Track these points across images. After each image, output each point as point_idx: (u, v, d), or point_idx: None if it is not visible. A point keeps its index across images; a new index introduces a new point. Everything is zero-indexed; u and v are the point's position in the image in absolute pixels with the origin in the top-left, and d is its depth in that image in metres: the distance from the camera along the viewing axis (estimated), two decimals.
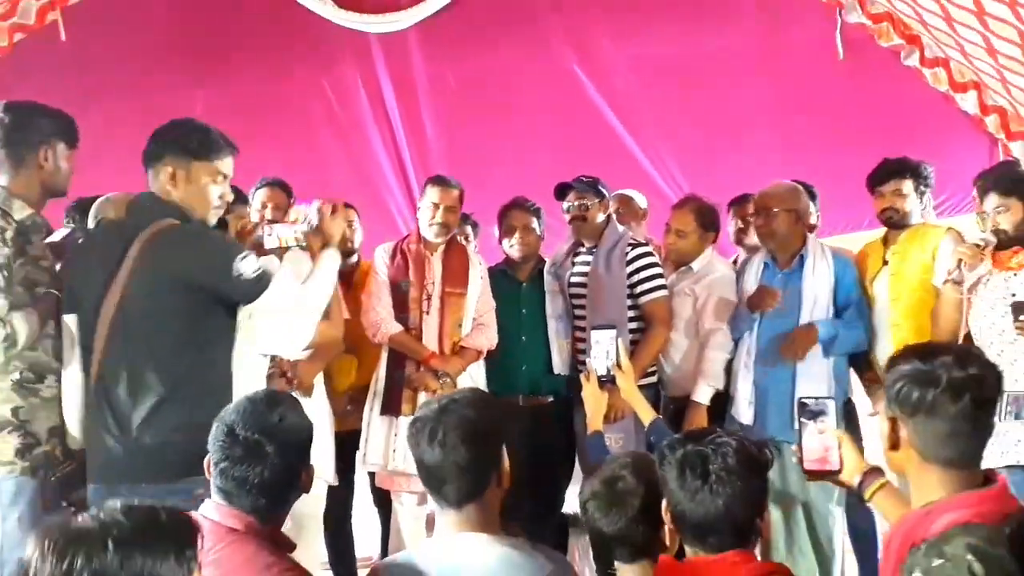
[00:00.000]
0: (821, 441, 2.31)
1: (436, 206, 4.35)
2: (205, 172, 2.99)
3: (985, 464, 1.96)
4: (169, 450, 2.75)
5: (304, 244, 3.12)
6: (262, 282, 2.87)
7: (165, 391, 2.80)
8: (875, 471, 2.33)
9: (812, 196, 4.65)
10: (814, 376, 4.01)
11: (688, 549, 2.03)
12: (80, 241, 3.19)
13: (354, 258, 4.66)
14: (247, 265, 2.85)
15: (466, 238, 5.05)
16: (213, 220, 3.10)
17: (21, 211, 3.04)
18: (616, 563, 2.31)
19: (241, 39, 6.30)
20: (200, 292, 2.87)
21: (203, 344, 2.91)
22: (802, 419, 2.42)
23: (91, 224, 3.39)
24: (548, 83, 6.38)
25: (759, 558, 2.15)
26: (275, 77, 6.29)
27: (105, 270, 2.87)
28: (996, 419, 2.56)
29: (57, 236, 3.20)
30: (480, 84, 6.41)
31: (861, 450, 2.54)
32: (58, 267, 3.10)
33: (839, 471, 2.27)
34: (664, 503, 2.05)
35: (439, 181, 4.48)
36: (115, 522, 1.58)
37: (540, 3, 6.39)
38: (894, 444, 1.93)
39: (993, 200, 3.65)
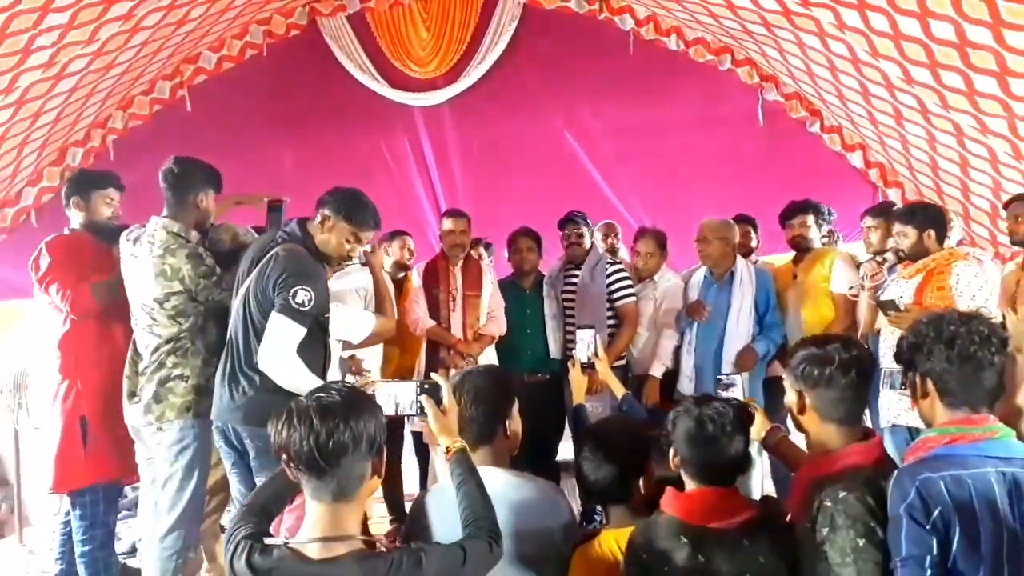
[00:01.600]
0: None
1: (452, 232, 4.39)
2: (346, 232, 2.89)
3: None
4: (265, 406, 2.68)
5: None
6: (291, 311, 2.71)
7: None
8: (776, 428, 2.39)
9: (753, 226, 4.65)
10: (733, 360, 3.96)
11: (691, 484, 1.97)
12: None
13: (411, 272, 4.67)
14: (301, 297, 2.71)
15: (479, 256, 5.11)
16: (335, 265, 3.06)
17: (192, 236, 3.06)
18: (607, 505, 2.27)
19: (318, 110, 6.31)
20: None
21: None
22: (718, 390, 2.59)
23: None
24: (544, 143, 6.40)
25: None
26: (343, 139, 6.30)
27: (246, 266, 2.88)
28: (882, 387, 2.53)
29: None
30: (495, 145, 6.43)
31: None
32: None
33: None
34: (672, 451, 1.99)
35: (451, 213, 4.57)
36: (331, 400, 1.58)
37: (539, 86, 6.39)
38: (800, 409, 1.95)
39: (896, 227, 3.59)
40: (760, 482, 4.14)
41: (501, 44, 6.31)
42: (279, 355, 2.71)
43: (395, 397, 2.05)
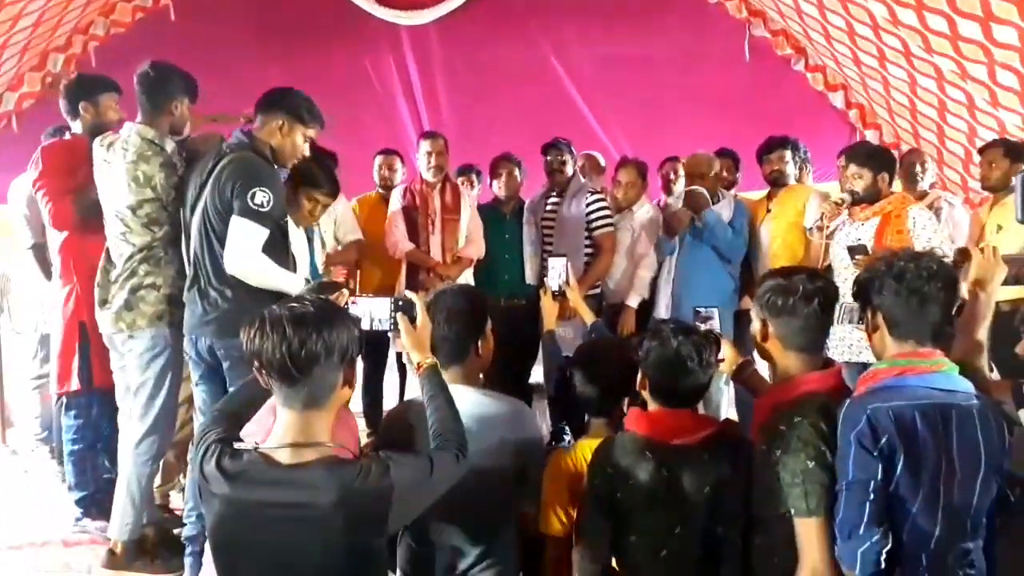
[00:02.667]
0: None
1: (429, 154, 4.34)
2: (303, 133, 2.91)
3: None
4: (238, 316, 2.66)
5: None
6: (250, 212, 2.69)
7: (232, 276, 2.75)
8: (747, 362, 2.46)
9: (736, 160, 4.64)
10: (710, 292, 3.96)
11: (653, 406, 2.02)
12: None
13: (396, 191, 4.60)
14: (259, 197, 2.69)
15: (471, 184, 5.09)
16: (288, 166, 3.03)
17: (168, 144, 3.01)
18: (587, 417, 2.35)
19: (305, 27, 6.12)
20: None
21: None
22: (696, 322, 2.55)
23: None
24: (531, 70, 6.27)
25: None
26: (328, 56, 6.13)
27: (197, 184, 2.83)
28: (836, 322, 2.57)
29: None
30: (482, 69, 6.29)
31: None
32: None
33: (721, 360, 2.28)
34: (640, 373, 2.04)
35: (428, 135, 4.53)
36: (304, 309, 1.58)
37: (528, 12, 6.26)
38: (764, 337, 2.00)
39: (852, 169, 3.61)
40: (724, 410, 4.27)
41: None
42: (246, 256, 2.70)
43: (371, 312, 2.06)
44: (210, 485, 1.58)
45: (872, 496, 1.68)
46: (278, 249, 2.84)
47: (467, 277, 4.38)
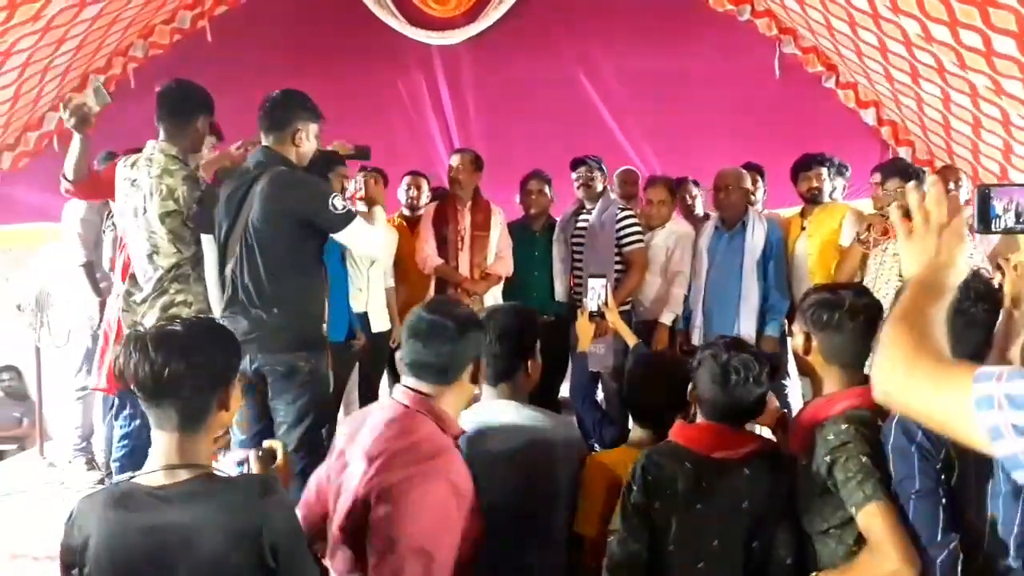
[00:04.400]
0: None
1: (456, 169, 4.36)
2: (315, 132, 2.95)
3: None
4: (283, 332, 2.77)
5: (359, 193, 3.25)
6: (349, 216, 2.83)
7: (277, 294, 2.77)
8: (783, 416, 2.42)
9: (761, 174, 4.60)
10: (750, 313, 3.94)
11: (701, 419, 2.02)
12: (210, 184, 3.11)
13: (421, 211, 4.63)
14: (339, 202, 2.81)
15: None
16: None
17: (191, 160, 3.05)
18: (632, 423, 2.37)
19: (338, 48, 6.16)
20: (303, 222, 2.82)
21: (301, 253, 2.86)
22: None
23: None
24: (561, 87, 6.24)
25: None
26: (362, 75, 6.16)
27: (232, 202, 2.83)
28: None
29: None
30: (511, 87, 6.27)
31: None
32: None
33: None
34: (691, 385, 2.03)
35: (458, 151, 4.57)
36: (171, 329, 1.55)
37: (558, 29, 6.23)
38: (806, 351, 1.99)
39: (895, 183, 3.55)
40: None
41: None
42: (378, 243, 3.00)
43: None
44: (86, 518, 1.54)
45: (943, 503, 1.66)
46: (315, 262, 2.91)
47: (495, 294, 4.37)
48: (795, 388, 4.26)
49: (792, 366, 3.96)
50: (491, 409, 2.17)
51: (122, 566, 1.51)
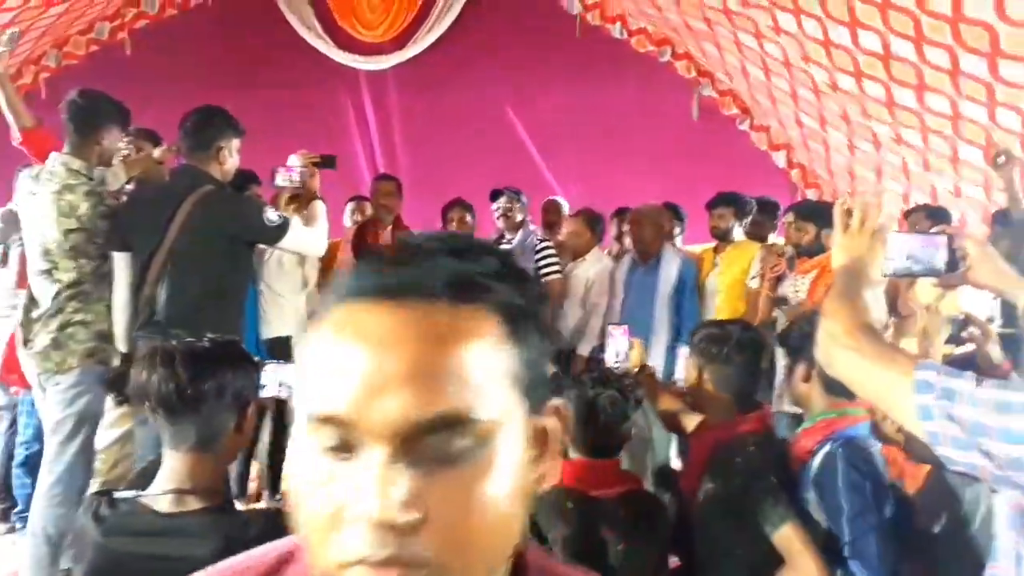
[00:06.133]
0: None
1: (377, 194, 4.36)
2: (237, 147, 2.91)
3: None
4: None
5: (300, 186, 3.09)
6: (285, 224, 2.82)
7: (198, 317, 2.66)
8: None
9: (677, 214, 4.68)
10: (660, 345, 3.98)
11: (574, 454, 1.98)
12: (128, 198, 3.00)
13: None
14: (272, 215, 2.82)
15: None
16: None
17: (95, 174, 2.88)
18: None
19: (263, 67, 6.11)
20: (236, 239, 2.80)
21: (227, 274, 2.82)
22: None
23: (112, 182, 3.03)
24: (487, 117, 6.34)
25: None
26: (284, 97, 6.10)
27: (157, 222, 2.74)
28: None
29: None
30: (438, 114, 6.33)
31: None
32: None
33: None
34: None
35: (380, 177, 4.62)
36: (200, 346, 1.52)
37: (485, 60, 6.34)
38: (698, 382, 2.08)
39: (798, 224, 3.69)
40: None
41: (451, 15, 6.24)
42: (315, 242, 3.00)
43: (279, 378, 1.97)
44: (85, 536, 1.46)
45: (894, 532, 1.76)
46: (243, 271, 2.92)
47: None
48: None
49: None
50: None
51: None
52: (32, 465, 3.36)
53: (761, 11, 4.73)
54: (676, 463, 4.11)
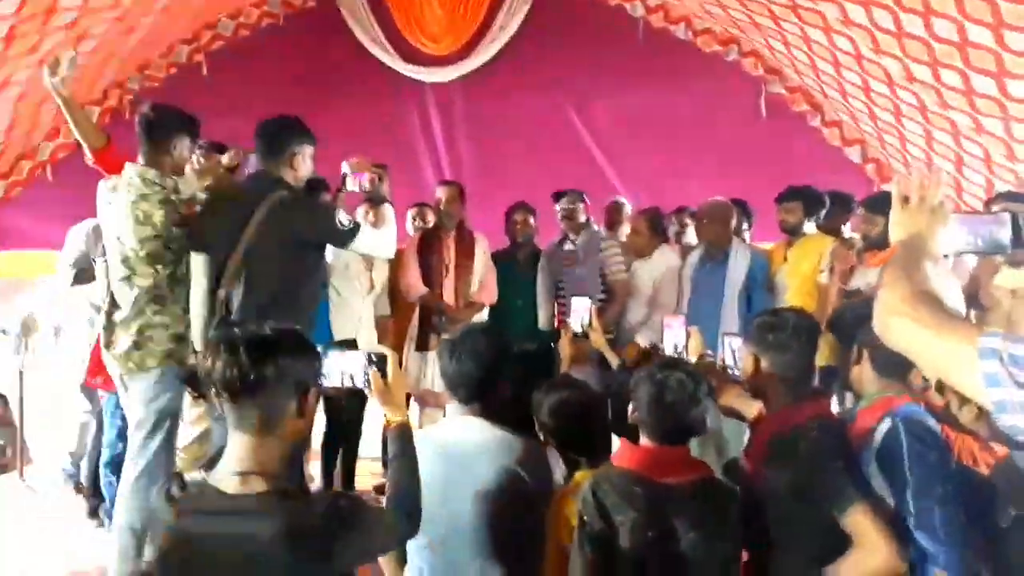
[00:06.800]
0: None
1: (441, 200, 4.40)
2: (310, 154, 3.02)
3: None
4: None
5: (369, 191, 3.19)
6: (356, 228, 2.94)
7: (265, 306, 2.77)
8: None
9: (745, 210, 4.64)
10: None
11: (645, 440, 1.98)
12: (206, 202, 3.13)
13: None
14: (343, 219, 2.93)
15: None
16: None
17: (168, 183, 3.03)
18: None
19: (330, 81, 6.26)
20: (309, 243, 2.92)
21: (299, 277, 2.92)
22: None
23: (184, 190, 3.18)
24: (550, 124, 6.36)
25: None
26: (353, 111, 6.19)
27: (234, 226, 2.85)
28: None
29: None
30: (502, 123, 6.38)
31: None
32: None
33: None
34: (632, 407, 1.99)
35: (443, 183, 4.66)
36: (262, 333, 1.57)
37: (548, 68, 6.35)
38: (756, 371, 2.09)
39: (866, 215, 3.64)
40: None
41: (513, 25, 6.29)
42: (386, 243, 3.09)
43: (342, 367, 1.95)
44: (158, 517, 1.54)
45: (964, 510, 1.78)
46: (317, 271, 3.02)
47: None
48: None
49: None
50: (460, 426, 2.16)
51: (186, 571, 1.51)
52: (117, 464, 3.51)
53: (830, 4, 4.64)
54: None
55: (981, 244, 1.45)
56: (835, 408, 2.55)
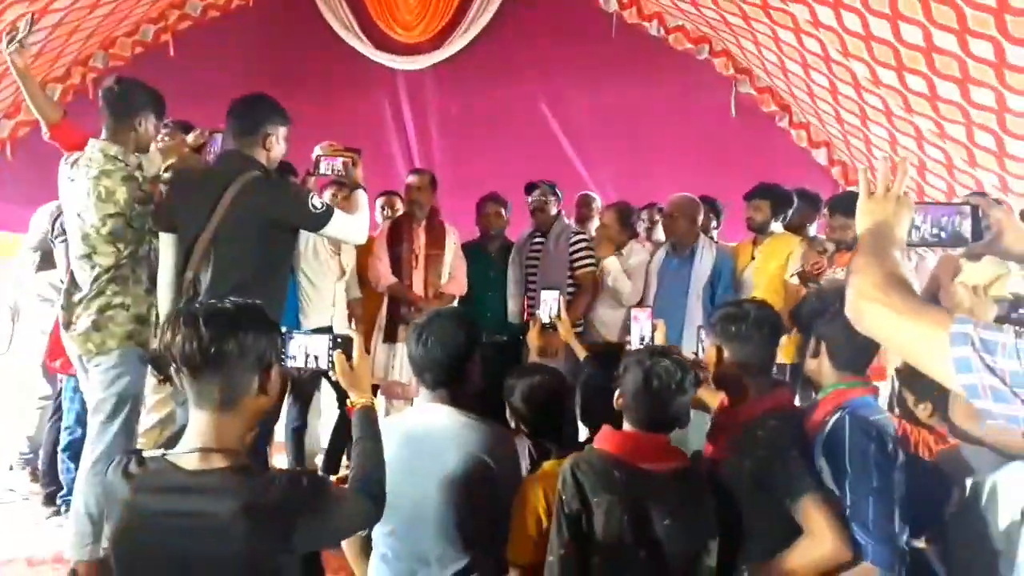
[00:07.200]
0: None
1: (411, 187, 4.38)
2: (284, 135, 2.95)
3: None
4: None
5: (343, 175, 3.10)
6: (329, 211, 2.86)
7: (235, 288, 2.71)
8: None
9: (715, 208, 4.68)
10: (692, 337, 3.98)
11: (628, 426, 1.99)
12: (174, 181, 3.05)
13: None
14: (316, 201, 2.86)
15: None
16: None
17: (131, 159, 2.97)
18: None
19: (300, 66, 6.22)
20: (281, 225, 2.86)
21: (270, 260, 2.88)
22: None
23: (148, 168, 3.10)
24: (522, 114, 6.38)
25: None
26: (323, 97, 6.17)
27: (203, 206, 2.78)
28: None
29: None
30: (474, 113, 6.40)
31: None
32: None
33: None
34: (617, 393, 2.00)
35: (414, 171, 4.61)
36: (222, 307, 1.56)
37: (521, 60, 6.39)
38: (718, 362, 2.10)
39: (838, 219, 3.67)
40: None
41: (487, 15, 6.28)
42: (357, 228, 3.00)
43: (307, 349, 1.94)
44: (115, 493, 1.52)
45: (896, 499, 1.79)
46: (286, 256, 2.99)
47: None
48: None
49: None
50: (427, 414, 2.16)
51: (142, 552, 1.50)
52: (75, 450, 3.45)
53: (800, 5, 4.71)
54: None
55: (944, 236, 1.50)
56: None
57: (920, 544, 2.09)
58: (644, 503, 1.86)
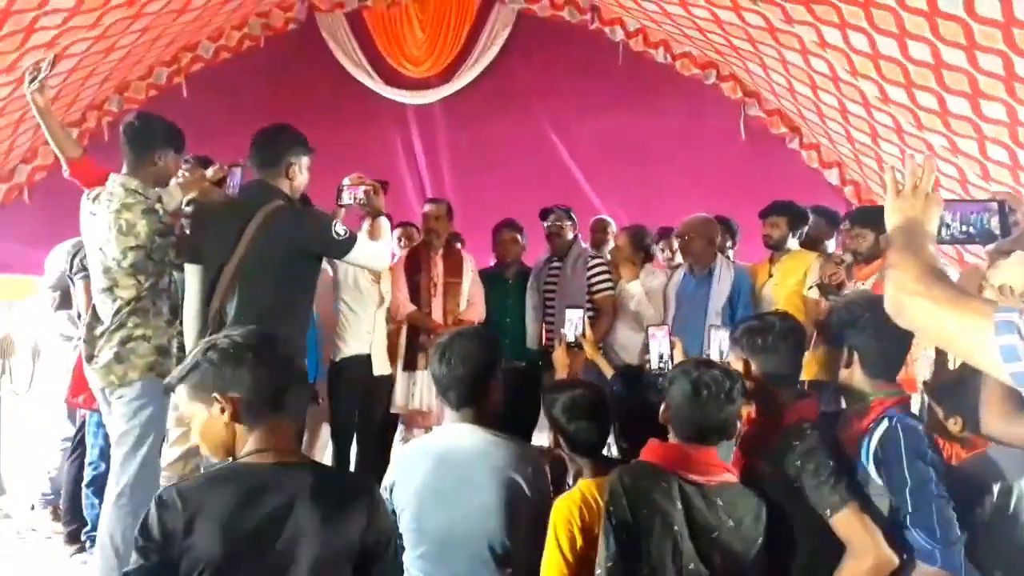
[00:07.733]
0: None
1: (427, 216, 4.44)
2: (307, 164, 3.00)
3: None
4: None
5: (365, 203, 3.11)
6: (352, 238, 2.90)
7: (261, 318, 2.69)
8: None
9: (730, 228, 4.69)
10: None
11: (674, 439, 2.00)
12: (199, 212, 3.08)
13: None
14: (340, 228, 2.89)
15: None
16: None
17: (152, 194, 3.00)
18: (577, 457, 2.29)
19: (312, 104, 6.27)
20: (305, 252, 2.89)
21: (294, 289, 2.90)
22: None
23: (168, 202, 3.10)
24: (531, 145, 6.46)
25: None
26: (335, 133, 6.19)
27: (228, 237, 2.82)
28: None
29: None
30: (484, 144, 6.48)
31: None
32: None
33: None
34: (664, 405, 2.01)
35: (430, 200, 4.67)
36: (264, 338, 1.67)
37: (529, 91, 6.49)
38: (745, 375, 2.07)
39: (855, 230, 3.70)
40: None
41: (494, 48, 6.40)
42: (380, 255, 3.07)
43: None
44: (192, 493, 1.55)
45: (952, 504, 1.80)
46: (311, 282, 3.00)
47: None
48: None
49: None
50: (452, 433, 2.16)
51: (233, 541, 1.52)
52: (99, 485, 3.45)
53: (806, 27, 4.76)
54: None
55: (973, 232, 1.51)
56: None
57: None
58: (694, 515, 1.86)
